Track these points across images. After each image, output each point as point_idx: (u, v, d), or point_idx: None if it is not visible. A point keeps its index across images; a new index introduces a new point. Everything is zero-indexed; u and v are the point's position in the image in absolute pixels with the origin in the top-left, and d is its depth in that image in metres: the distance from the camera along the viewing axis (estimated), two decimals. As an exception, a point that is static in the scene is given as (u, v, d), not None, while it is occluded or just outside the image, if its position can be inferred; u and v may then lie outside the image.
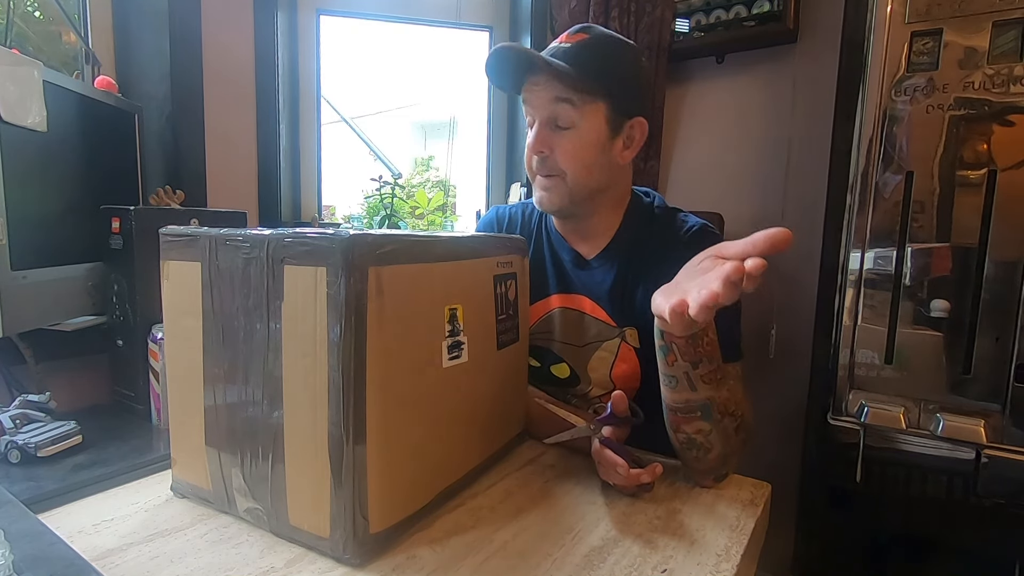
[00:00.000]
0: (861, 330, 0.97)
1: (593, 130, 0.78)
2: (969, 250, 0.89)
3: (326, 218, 1.62)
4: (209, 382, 0.56)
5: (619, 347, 0.83)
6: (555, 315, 0.88)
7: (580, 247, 0.88)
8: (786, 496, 1.31)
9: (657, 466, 0.63)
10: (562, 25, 1.49)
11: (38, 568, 0.40)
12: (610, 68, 0.77)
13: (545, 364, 0.89)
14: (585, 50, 0.77)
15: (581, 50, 0.77)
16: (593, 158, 0.79)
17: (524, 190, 1.57)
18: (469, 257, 0.63)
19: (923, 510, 0.95)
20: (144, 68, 1.22)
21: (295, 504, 0.51)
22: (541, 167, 0.80)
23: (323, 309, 0.47)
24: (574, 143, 0.78)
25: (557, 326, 0.87)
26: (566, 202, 0.81)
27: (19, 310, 0.74)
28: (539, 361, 0.89)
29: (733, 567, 0.51)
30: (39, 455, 0.66)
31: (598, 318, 0.85)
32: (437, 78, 2.03)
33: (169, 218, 0.86)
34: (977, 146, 0.88)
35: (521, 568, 0.50)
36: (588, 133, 0.78)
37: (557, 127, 0.78)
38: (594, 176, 0.80)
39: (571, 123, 0.77)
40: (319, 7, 1.52)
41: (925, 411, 0.93)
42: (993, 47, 0.86)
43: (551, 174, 0.80)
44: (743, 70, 1.45)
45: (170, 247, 0.58)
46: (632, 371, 0.83)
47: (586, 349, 0.85)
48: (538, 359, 0.89)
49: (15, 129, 0.73)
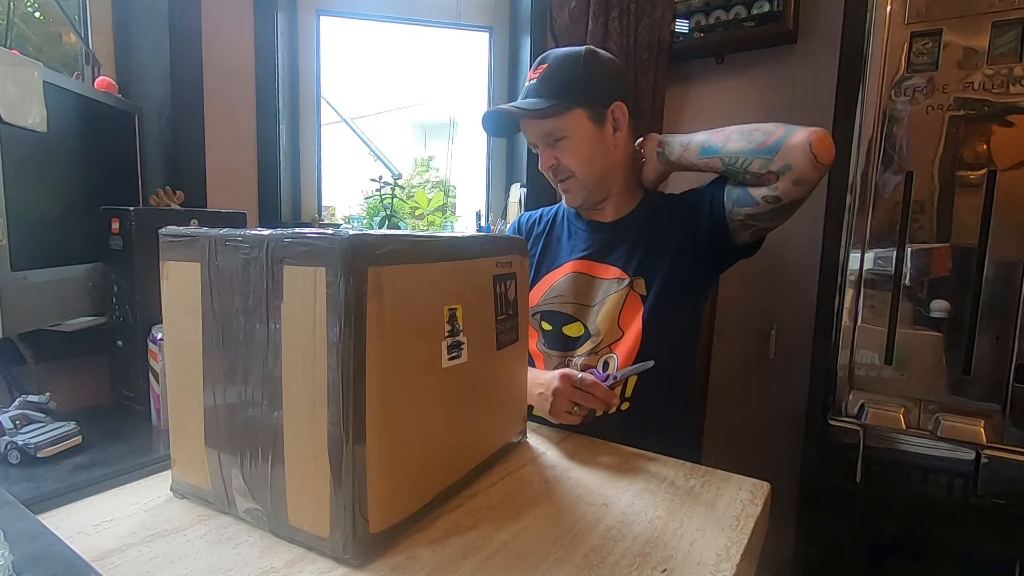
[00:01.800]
0: (861, 330, 0.97)
1: (581, 131, 0.92)
2: (969, 250, 0.89)
3: (326, 218, 1.62)
4: (209, 383, 0.56)
5: (627, 296, 0.91)
6: (568, 279, 0.97)
7: (600, 216, 1.00)
8: (786, 496, 1.31)
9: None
10: (562, 25, 1.49)
11: (38, 568, 0.40)
12: (570, 82, 0.91)
13: (557, 326, 0.96)
14: (545, 81, 0.92)
15: (543, 82, 0.92)
16: (591, 151, 0.93)
17: (524, 190, 1.57)
18: (469, 257, 0.63)
19: (923, 510, 0.95)
20: (144, 68, 1.22)
21: (295, 504, 0.51)
22: (556, 175, 0.96)
23: (323, 309, 0.47)
24: (571, 148, 0.93)
25: (569, 289, 0.96)
26: (585, 194, 0.96)
27: (19, 310, 0.74)
28: (551, 324, 0.97)
29: (733, 567, 0.51)
30: (39, 456, 0.66)
31: (608, 277, 0.94)
32: (437, 78, 2.03)
33: (169, 218, 0.86)
34: (977, 146, 0.88)
35: (521, 568, 0.50)
36: (578, 135, 0.92)
37: (554, 142, 0.93)
38: (598, 165, 0.94)
39: (562, 136, 0.92)
40: (319, 7, 1.52)
41: (925, 411, 0.93)
42: (993, 47, 0.86)
43: (565, 177, 0.95)
44: (743, 71, 1.45)
45: (170, 247, 0.58)
46: (638, 317, 0.90)
47: (596, 306, 0.94)
48: (550, 323, 0.97)
49: (15, 129, 0.73)
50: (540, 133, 0.93)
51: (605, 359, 0.92)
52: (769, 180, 0.82)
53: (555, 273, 0.99)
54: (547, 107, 0.89)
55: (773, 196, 0.82)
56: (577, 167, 0.93)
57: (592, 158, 0.93)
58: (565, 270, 0.98)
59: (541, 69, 0.93)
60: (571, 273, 0.97)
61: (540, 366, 0.98)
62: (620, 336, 0.91)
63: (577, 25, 1.46)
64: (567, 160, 0.93)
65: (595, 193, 0.96)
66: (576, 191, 0.96)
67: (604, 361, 0.91)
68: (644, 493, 0.65)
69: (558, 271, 0.99)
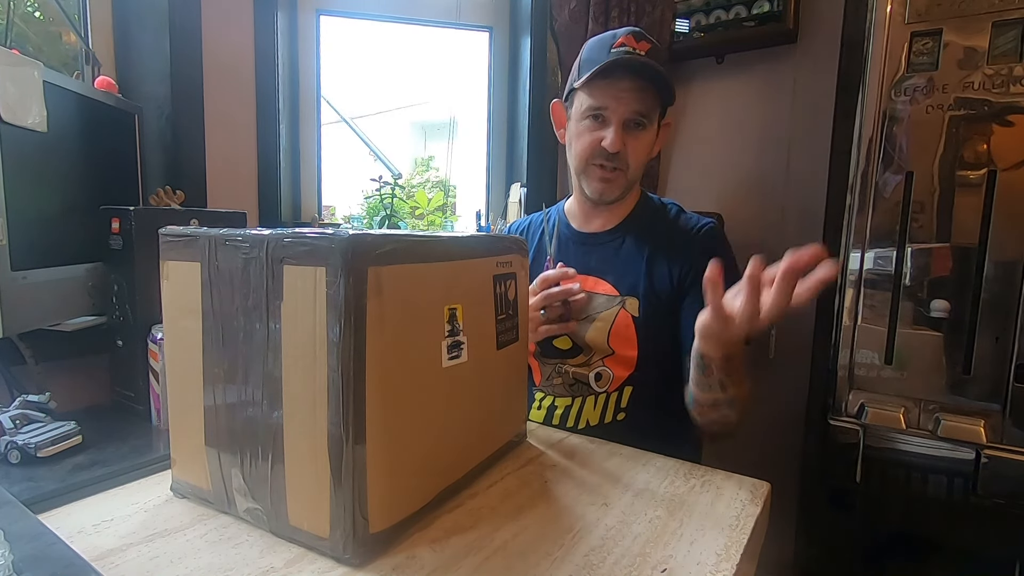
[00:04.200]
0: (861, 330, 0.97)
1: (653, 131, 0.90)
2: (969, 250, 0.89)
3: (326, 218, 1.62)
4: (209, 382, 0.56)
5: (617, 314, 0.89)
6: None
7: (590, 226, 0.97)
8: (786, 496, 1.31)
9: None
10: (562, 25, 1.49)
11: (38, 568, 0.40)
12: (667, 78, 0.86)
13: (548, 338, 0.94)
14: (654, 60, 0.85)
15: (655, 61, 0.85)
16: (647, 152, 0.90)
17: (524, 190, 1.57)
18: (469, 257, 0.63)
19: (923, 510, 0.95)
20: (144, 68, 1.22)
21: (295, 504, 0.51)
22: (610, 161, 0.88)
23: (322, 309, 0.47)
24: (643, 143, 0.88)
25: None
26: (623, 191, 0.91)
27: (19, 310, 0.74)
28: None
29: (733, 567, 0.51)
30: (39, 455, 0.66)
31: (599, 292, 0.91)
32: (437, 78, 2.03)
33: (169, 218, 0.86)
34: (977, 146, 0.88)
35: (521, 568, 0.50)
36: (650, 134, 0.89)
37: (634, 126, 0.87)
38: (642, 168, 0.92)
39: (646, 123, 0.87)
40: (319, 7, 1.52)
41: (925, 411, 0.93)
42: (993, 47, 0.86)
43: (617, 168, 0.88)
44: (743, 70, 1.45)
45: (169, 247, 0.58)
46: (629, 336, 0.89)
47: (586, 321, 0.91)
48: None
49: (15, 129, 0.73)
50: (638, 107, 0.85)
51: (598, 371, 0.92)
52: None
53: None
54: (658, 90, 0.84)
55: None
56: (635, 164, 0.88)
57: (645, 159, 0.90)
58: None
59: (646, 46, 0.85)
60: None
61: (536, 375, 0.98)
62: (611, 353, 0.90)
63: (577, 25, 1.46)
64: (632, 154, 0.87)
65: (626, 193, 0.93)
66: (618, 186, 0.90)
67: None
68: (644, 493, 0.65)
69: None
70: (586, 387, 0.93)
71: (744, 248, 0.99)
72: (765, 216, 1.42)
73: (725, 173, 1.50)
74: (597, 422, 0.92)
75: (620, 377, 0.90)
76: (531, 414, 0.98)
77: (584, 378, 0.93)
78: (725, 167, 1.50)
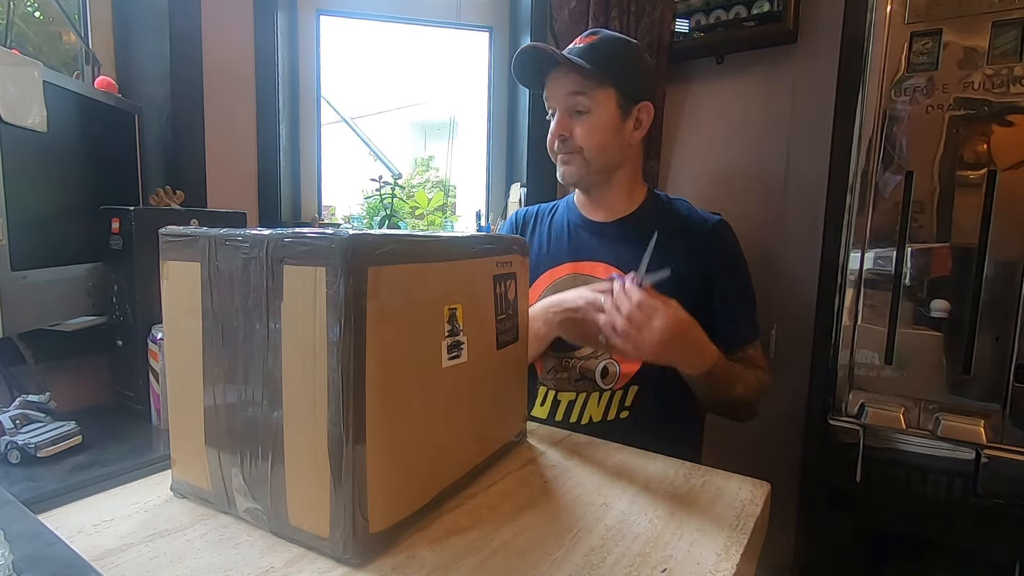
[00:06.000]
0: (861, 330, 0.97)
1: (605, 114, 0.91)
2: (969, 250, 0.89)
3: (326, 218, 1.62)
4: (209, 382, 0.56)
5: None
6: (566, 280, 0.96)
7: (597, 215, 1.00)
8: (786, 496, 1.31)
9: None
10: (562, 25, 1.49)
11: (38, 568, 0.40)
12: (616, 61, 0.90)
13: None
14: (593, 48, 0.89)
15: (590, 48, 0.89)
16: (607, 138, 0.92)
17: (524, 190, 1.57)
18: (469, 257, 0.63)
19: (923, 510, 0.95)
20: (144, 68, 1.22)
21: (295, 504, 0.51)
22: (562, 147, 0.94)
23: (322, 309, 0.47)
24: (589, 126, 0.91)
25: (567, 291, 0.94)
26: (583, 173, 0.94)
27: (19, 310, 0.74)
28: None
29: (733, 567, 0.51)
30: (39, 455, 0.66)
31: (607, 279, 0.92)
32: (437, 78, 2.03)
33: (169, 218, 0.86)
34: (977, 146, 0.88)
35: (521, 568, 0.50)
36: (601, 117, 0.91)
37: (576, 113, 0.91)
38: (608, 153, 0.93)
39: (586, 109, 0.90)
40: (319, 7, 1.52)
41: (925, 411, 0.93)
42: (993, 47, 0.86)
43: (570, 151, 0.93)
44: (743, 70, 1.45)
45: (169, 247, 0.58)
46: None
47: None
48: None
49: (15, 129, 0.73)
50: (567, 96, 0.91)
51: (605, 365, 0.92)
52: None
53: (554, 271, 0.99)
54: (588, 68, 0.87)
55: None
56: (587, 145, 0.91)
57: (605, 144, 0.92)
58: (564, 270, 0.98)
59: (591, 39, 0.91)
60: (570, 274, 0.97)
61: (539, 367, 0.98)
62: None
63: (577, 25, 1.46)
64: (581, 136, 0.91)
65: (593, 177, 0.95)
66: (577, 167, 0.94)
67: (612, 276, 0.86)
68: (644, 493, 0.65)
69: (558, 270, 0.99)
70: (591, 383, 0.93)
71: (744, 248, 0.99)
72: (765, 216, 1.42)
73: (725, 173, 1.50)
74: (600, 418, 0.92)
75: (627, 373, 0.91)
76: (534, 410, 0.98)
77: (590, 373, 0.93)
78: (725, 167, 1.50)
